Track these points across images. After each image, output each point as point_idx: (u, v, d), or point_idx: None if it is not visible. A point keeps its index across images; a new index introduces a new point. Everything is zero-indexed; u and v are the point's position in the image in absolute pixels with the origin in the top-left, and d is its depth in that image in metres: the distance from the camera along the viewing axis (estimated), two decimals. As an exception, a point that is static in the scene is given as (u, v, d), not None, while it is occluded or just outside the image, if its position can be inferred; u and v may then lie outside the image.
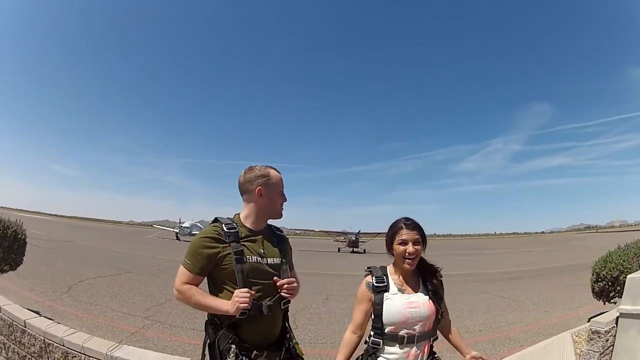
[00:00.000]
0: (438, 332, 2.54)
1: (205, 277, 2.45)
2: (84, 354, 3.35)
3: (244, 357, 2.28)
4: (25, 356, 3.96)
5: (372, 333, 2.44)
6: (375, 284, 2.44)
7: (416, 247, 2.41)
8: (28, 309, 4.63)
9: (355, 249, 40.20)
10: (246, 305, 2.21)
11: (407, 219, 2.50)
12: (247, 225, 2.51)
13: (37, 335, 3.79)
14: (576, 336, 6.12)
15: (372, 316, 2.45)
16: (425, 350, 2.43)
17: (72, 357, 3.43)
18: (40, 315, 4.58)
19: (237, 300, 2.22)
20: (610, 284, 6.45)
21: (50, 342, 3.64)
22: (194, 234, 47.97)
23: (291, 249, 2.79)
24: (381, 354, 2.41)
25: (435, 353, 2.52)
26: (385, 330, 2.38)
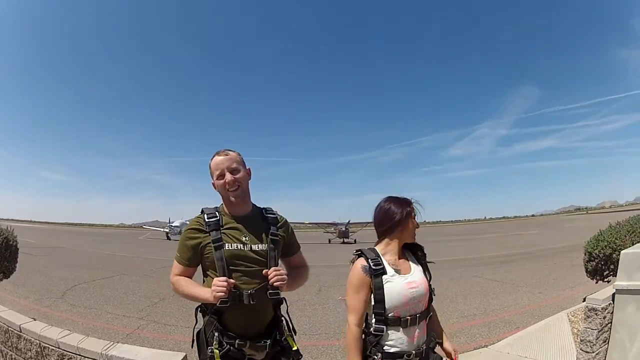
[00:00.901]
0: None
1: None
2: (79, 355, 3.33)
3: (227, 345, 2.29)
4: (22, 362, 3.94)
5: (374, 320, 2.30)
6: (374, 267, 2.29)
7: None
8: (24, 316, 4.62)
9: (345, 240, 40.24)
10: (222, 294, 2.20)
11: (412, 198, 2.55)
12: (229, 212, 2.51)
13: (32, 339, 3.76)
14: (572, 316, 6.18)
15: (373, 302, 2.30)
16: (424, 329, 2.40)
17: (68, 359, 3.41)
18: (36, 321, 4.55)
19: (214, 289, 2.22)
20: (603, 262, 6.49)
21: (46, 345, 3.61)
22: (184, 233, 48.24)
23: (291, 230, 2.74)
24: (385, 342, 2.29)
25: (431, 331, 2.48)
26: (388, 315, 2.27)
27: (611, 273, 6.33)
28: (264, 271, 2.36)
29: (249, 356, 2.36)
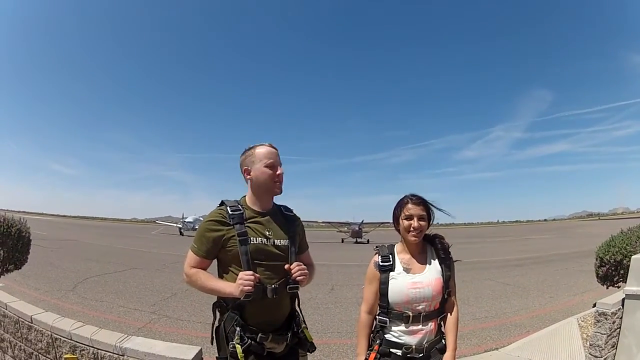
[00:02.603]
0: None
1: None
2: (93, 347, 3.32)
3: (248, 340, 2.28)
4: (32, 353, 3.93)
5: (379, 311, 2.47)
6: (381, 263, 2.46)
7: (421, 222, 2.43)
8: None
9: (358, 240, 40.08)
10: (249, 288, 2.19)
11: (413, 194, 2.51)
12: (252, 206, 2.49)
13: (44, 330, 3.76)
14: (582, 321, 6.12)
15: (379, 295, 2.46)
16: (433, 328, 2.45)
17: (81, 351, 3.40)
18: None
19: (240, 283, 2.20)
20: (613, 268, 6.41)
21: (58, 336, 3.60)
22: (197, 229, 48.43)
23: (303, 229, 2.74)
24: (388, 332, 2.45)
25: (443, 332, 2.51)
26: (391, 309, 2.42)
27: (621, 279, 6.25)
28: (286, 266, 2.37)
29: (268, 349, 2.37)
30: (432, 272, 2.45)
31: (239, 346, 2.23)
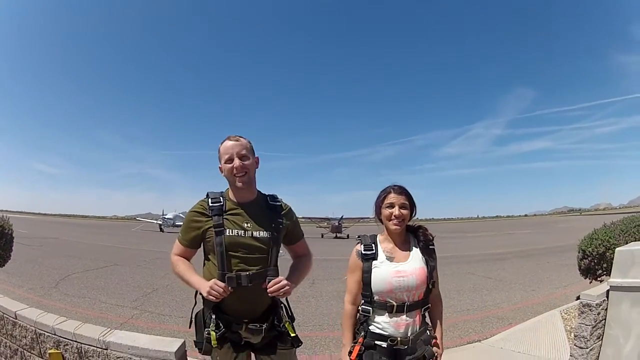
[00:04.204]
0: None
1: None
2: (76, 341, 3.29)
3: (224, 327, 2.35)
4: (17, 349, 3.88)
5: (362, 301, 2.46)
6: (363, 252, 2.45)
7: (402, 210, 2.43)
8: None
9: (338, 235, 40.23)
10: (213, 299, 2.26)
11: (395, 184, 2.53)
12: (232, 198, 2.53)
13: (28, 326, 3.71)
14: (565, 313, 6.24)
15: (362, 284, 2.45)
16: (417, 319, 2.44)
17: (65, 346, 3.36)
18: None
19: (209, 291, 2.26)
20: (596, 261, 6.50)
21: (42, 332, 3.56)
22: (178, 225, 47.58)
23: (294, 218, 2.75)
24: (372, 323, 2.43)
25: (428, 324, 2.53)
26: (374, 299, 2.40)
27: (604, 272, 6.36)
28: (262, 284, 2.37)
29: (245, 339, 2.43)
30: (415, 261, 2.45)
31: (214, 333, 2.32)
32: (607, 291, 4.33)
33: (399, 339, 2.35)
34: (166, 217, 49.04)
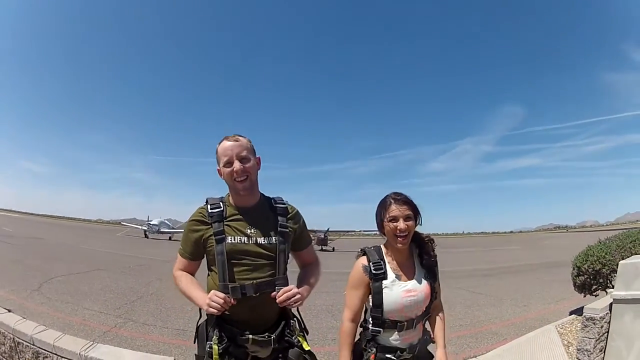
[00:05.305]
0: None
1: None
2: (56, 354, 3.10)
3: (227, 341, 2.15)
4: (-3, 357, 3.70)
5: (371, 321, 2.34)
6: (374, 271, 2.29)
7: (407, 223, 2.28)
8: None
9: (324, 247, 40.00)
10: (214, 311, 2.08)
11: (396, 193, 2.37)
12: (233, 203, 2.35)
13: (6, 333, 3.52)
14: (561, 328, 6.18)
15: (371, 305, 2.33)
16: (420, 329, 2.43)
17: (44, 358, 3.17)
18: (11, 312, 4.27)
19: (208, 303, 2.09)
20: (592, 277, 6.47)
21: (20, 340, 3.38)
22: (162, 232, 47.08)
23: (301, 222, 2.56)
24: (380, 341, 2.33)
25: (428, 331, 2.51)
26: (385, 319, 2.29)
27: (600, 287, 6.38)
28: (272, 294, 2.21)
29: (252, 353, 2.22)
30: (421, 276, 2.38)
31: (216, 347, 2.13)
32: (610, 304, 4.38)
33: (406, 349, 2.32)
34: (151, 223, 48.56)
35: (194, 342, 2.33)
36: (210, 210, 2.28)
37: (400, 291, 2.28)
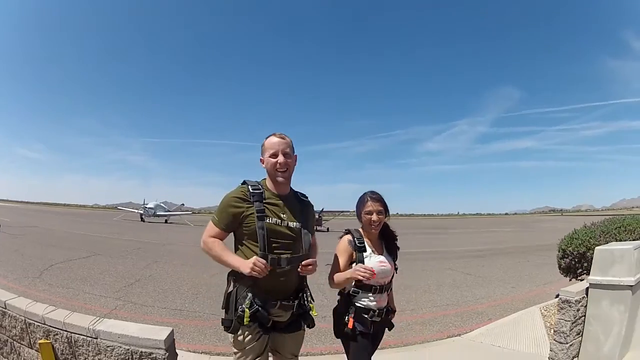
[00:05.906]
0: None
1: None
2: (66, 331, 3.29)
3: (257, 306, 2.51)
4: (7, 340, 3.86)
5: (353, 284, 2.94)
6: (358, 244, 2.98)
7: (379, 216, 3.00)
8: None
9: (318, 227, 39.90)
10: (257, 274, 2.41)
11: (372, 192, 3.09)
12: (270, 189, 2.73)
13: (17, 316, 3.68)
14: (545, 310, 6.36)
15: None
16: (386, 297, 3.09)
17: (54, 335, 3.35)
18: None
19: (251, 267, 2.40)
20: (576, 260, 6.63)
21: (32, 321, 3.53)
22: (158, 215, 46.86)
23: (314, 215, 3.09)
24: (359, 301, 2.97)
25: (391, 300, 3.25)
26: (364, 283, 2.89)
27: (584, 271, 6.48)
28: (302, 264, 2.62)
29: (274, 317, 2.62)
30: (387, 255, 3.12)
31: (248, 310, 2.49)
32: (587, 288, 4.46)
33: (377, 310, 2.97)
34: (147, 206, 48.63)
35: (222, 308, 2.68)
36: (252, 190, 2.65)
37: (376, 261, 2.97)
